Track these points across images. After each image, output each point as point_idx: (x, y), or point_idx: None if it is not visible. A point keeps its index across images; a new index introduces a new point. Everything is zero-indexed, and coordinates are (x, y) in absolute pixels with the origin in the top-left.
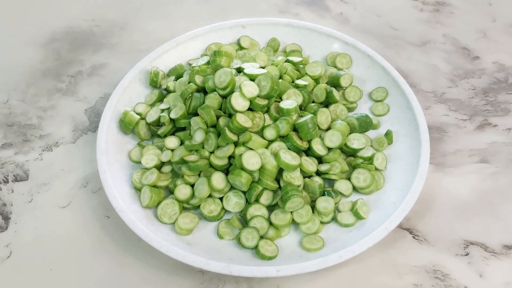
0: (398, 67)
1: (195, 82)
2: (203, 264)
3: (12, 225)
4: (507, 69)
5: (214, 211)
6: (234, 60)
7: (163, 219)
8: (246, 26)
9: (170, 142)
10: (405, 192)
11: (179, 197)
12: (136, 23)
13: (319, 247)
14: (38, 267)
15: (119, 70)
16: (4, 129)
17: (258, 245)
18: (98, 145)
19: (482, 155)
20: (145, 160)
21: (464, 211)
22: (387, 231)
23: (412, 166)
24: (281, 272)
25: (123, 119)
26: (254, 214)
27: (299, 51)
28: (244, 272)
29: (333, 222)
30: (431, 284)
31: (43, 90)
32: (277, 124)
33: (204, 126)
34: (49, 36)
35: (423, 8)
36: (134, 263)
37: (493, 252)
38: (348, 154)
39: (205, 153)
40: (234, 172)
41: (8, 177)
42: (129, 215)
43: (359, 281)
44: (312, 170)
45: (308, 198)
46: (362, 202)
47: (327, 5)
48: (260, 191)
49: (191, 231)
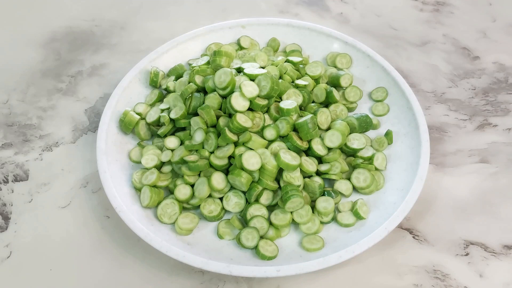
0: (398, 67)
1: (195, 82)
2: (203, 264)
3: (12, 225)
4: (507, 69)
5: (214, 211)
6: (234, 60)
7: (163, 219)
8: (246, 26)
9: (170, 142)
10: (405, 192)
11: (179, 197)
12: (136, 23)
13: (319, 247)
14: (38, 267)
15: (119, 70)
16: (4, 129)
17: (258, 245)
18: (98, 145)
19: (482, 155)
20: (145, 160)
21: (464, 211)
22: (387, 231)
23: (412, 166)
24: (281, 272)
25: (123, 119)
26: (254, 214)
27: (299, 51)
28: (244, 272)
29: (333, 222)
30: (431, 284)
31: (43, 90)
32: (277, 124)
33: (204, 126)
34: (49, 36)
35: (423, 8)
36: (134, 263)
37: (493, 252)
38: (348, 154)
39: (205, 153)
40: (234, 172)
41: (8, 177)
42: (129, 215)
43: (359, 281)
44: (312, 170)
45: (308, 198)
46: (362, 202)
47: (327, 5)
48: (260, 191)
49: (191, 231)
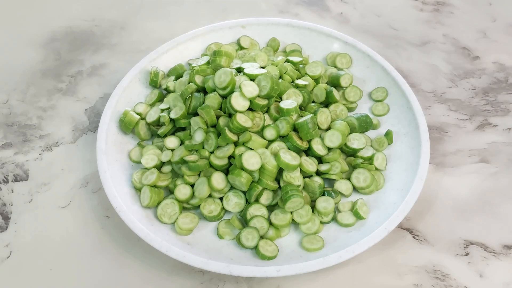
0: (398, 67)
1: (195, 82)
2: (203, 264)
3: (12, 225)
4: (507, 69)
5: (214, 211)
6: (234, 60)
7: (163, 219)
8: (246, 26)
9: (170, 142)
10: (405, 192)
11: (179, 197)
12: (136, 23)
13: (319, 247)
14: (38, 267)
15: (119, 70)
16: (4, 129)
17: (258, 245)
18: (98, 145)
19: (482, 155)
20: (145, 160)
21: (464, 211)
22: (387, 231)
23: (412, 166)
24: (281, 272)
25: (123, 119)
26: (254, 214)
27: (299, 51)
28: (244, 272)
29: (333, 222)
30: (431, 284)
31: (43, 90)
32: (277, 124)
33: (204, 126)
34: (49, 36)
35: (423, 8)
36: (134, 263)
37: (493, 252)
38: (348, 154)
39: (205, 153)
40: (234, 172)
41: (8, 177)
42: (129, 215)
43: (359, 281)
44: (312, 170)
45: (308, 198)
46: (362, 202)
47: (327, 5)
48: (260, 191)
49: (191, 231)
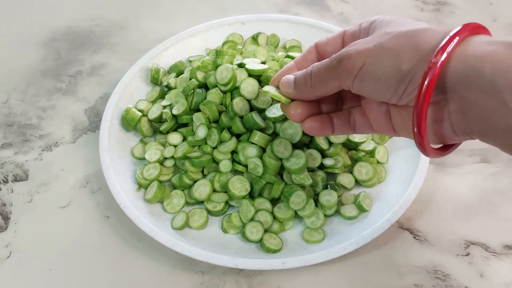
0: None
1: (196, 78)
2: (209, 258)
3: (12, 225)
4: None
5: (218, 206)
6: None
7: (167, 208)
8: (246, 22)
9: (172, 138)
10: (407, 184)
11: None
12: (136, 23)
13: (320, 239)
14: (38, 267)
15: (119, 70)
16: (4, 129)
17: (262, 238)
18: (101, 142)
19: (483, 155)
20: (148, 155)
21: (465, 211)
22: (390, 222)
23: (413, 159)
24: (286, 264)
25: (126, 116)
26: (258, 208)
27: (298, 46)
28: (250, 265)
29: (336, 215)
30: (432, 284)
31: (43, 90)
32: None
33: (207, 121)
34: (49, 36)
35: (423, 7)
36: (134, 264)
37: (494, 252)
38: (350, 148)
39: (208, 149)
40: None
41: (7, 177)
42: (134, 211)
43: (359, 281)
44: (316, 165)
45: (311, 191)
46: (365, 194)
47: (328, 5)
48: (263, 185)
49: (203, 226)
